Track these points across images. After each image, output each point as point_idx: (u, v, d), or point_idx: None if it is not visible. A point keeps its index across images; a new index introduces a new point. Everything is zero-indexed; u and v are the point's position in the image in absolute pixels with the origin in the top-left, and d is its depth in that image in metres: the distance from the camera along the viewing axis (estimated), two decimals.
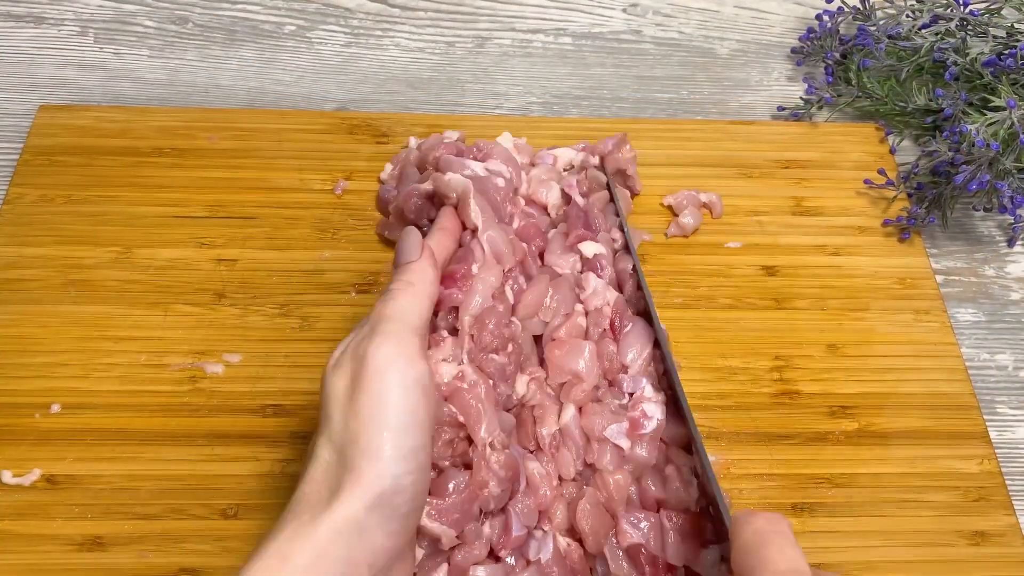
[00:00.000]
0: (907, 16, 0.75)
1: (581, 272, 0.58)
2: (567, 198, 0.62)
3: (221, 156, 0.67)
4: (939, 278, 0.67)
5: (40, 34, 0.77)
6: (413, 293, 0.46)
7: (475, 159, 0.59)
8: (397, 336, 0.43)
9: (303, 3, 0.81)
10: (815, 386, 0.59)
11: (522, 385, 0.53)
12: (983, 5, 0.74)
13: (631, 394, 0.54)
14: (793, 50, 0.81)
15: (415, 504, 0.41)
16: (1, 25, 0.77)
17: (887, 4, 0.77)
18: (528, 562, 0.49)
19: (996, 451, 0.57)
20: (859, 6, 0.77)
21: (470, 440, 0.48)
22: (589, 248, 0.58)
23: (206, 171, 0.67)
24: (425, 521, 0.44)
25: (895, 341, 0.62)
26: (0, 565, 0.50)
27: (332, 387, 0.42)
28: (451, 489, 0.46)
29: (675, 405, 0.54)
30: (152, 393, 0.56)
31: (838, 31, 0.78)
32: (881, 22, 0.76)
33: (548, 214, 0.62)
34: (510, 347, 0.51)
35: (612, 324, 0.55)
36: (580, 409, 0.53)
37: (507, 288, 0.53)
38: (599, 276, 0.57)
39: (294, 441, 0.55)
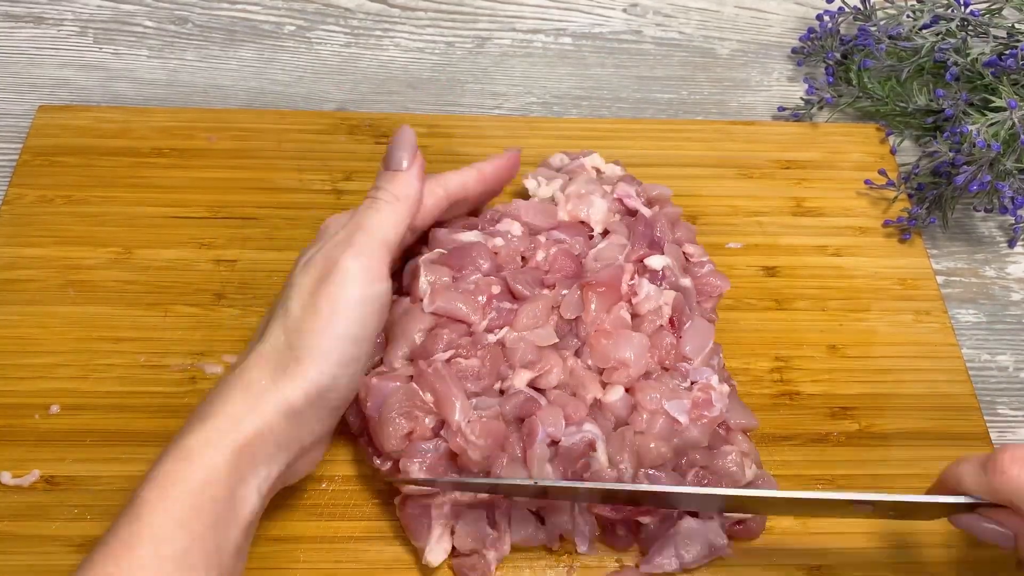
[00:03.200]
0: (908, 16, 0.75)
1: (632, 279, 0.56)
2: (620, 206, 0.60)
3: (221, 156, 0.67)
4: (940, 279, 0.67)
5: (39, 34, 0.77)
6: (395, 209, 0.48)
7: (488, 223, 0.57)
8: (370, 251, 0.47)
9: (303, 3, 0.81)
10: (815, 387, 0.59)
11: (521, 381, 0.52)
12: (984, 5, 0.74)
13: (694, 382, 0.53)
14: (793, 50, 0.81)
15: (344, 400, 0.48)
16: (0, 25, 0.77)
17: (888, 4, 0.77)
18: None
19: None
20: (860, 6, 0.77)
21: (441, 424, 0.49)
22: (657, 261, 0.56)
23: (206, 171, 0.66)
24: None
25: (896, 342, 0.62)
26: None
27: (299, 279, 0.47)
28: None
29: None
30: (152, 394, 0.56)
31: (839, 31, 0.78)
32: (882, 22, 0.76)
33: (589, 228, 0.59)
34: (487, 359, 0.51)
35: (672, 321, 0.55)
36: (628, 390, 0.53)
37: (480, 323, 0.52)
38: (656, 284, 0.55)
39: None
